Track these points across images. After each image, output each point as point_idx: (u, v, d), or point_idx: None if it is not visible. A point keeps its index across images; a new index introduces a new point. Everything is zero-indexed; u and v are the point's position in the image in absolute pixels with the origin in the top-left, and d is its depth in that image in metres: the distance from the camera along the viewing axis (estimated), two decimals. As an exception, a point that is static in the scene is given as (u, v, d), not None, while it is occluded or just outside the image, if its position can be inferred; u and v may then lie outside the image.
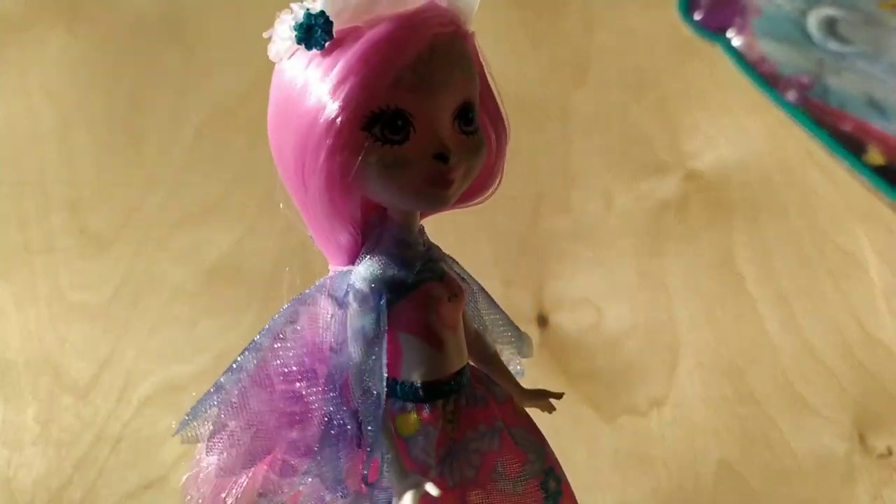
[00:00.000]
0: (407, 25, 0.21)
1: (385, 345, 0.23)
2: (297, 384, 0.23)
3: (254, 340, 0.24)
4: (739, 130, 0.63)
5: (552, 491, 0.25)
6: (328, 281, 0.24)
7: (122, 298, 0.53)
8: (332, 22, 0.21)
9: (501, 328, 0.28)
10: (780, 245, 0.55)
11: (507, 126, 0.25)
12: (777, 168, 0.61)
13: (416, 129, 0.22)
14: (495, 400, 0.25)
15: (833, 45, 0.68)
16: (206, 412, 0.25)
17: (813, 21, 0.70)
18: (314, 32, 0.21)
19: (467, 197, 0.25)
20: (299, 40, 0.22)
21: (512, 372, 0.28)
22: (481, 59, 0.24)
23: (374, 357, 0.23)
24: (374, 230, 0.24)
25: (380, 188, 0.23)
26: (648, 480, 0.42)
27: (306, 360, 0.24)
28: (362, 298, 0.23)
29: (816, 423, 0.46)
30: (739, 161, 0.61)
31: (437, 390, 0.24)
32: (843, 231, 0.56)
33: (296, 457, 0.23)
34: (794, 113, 0.64)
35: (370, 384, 0.23)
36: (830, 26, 0.69)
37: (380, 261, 0.23)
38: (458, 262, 0.27)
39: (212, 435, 0.24)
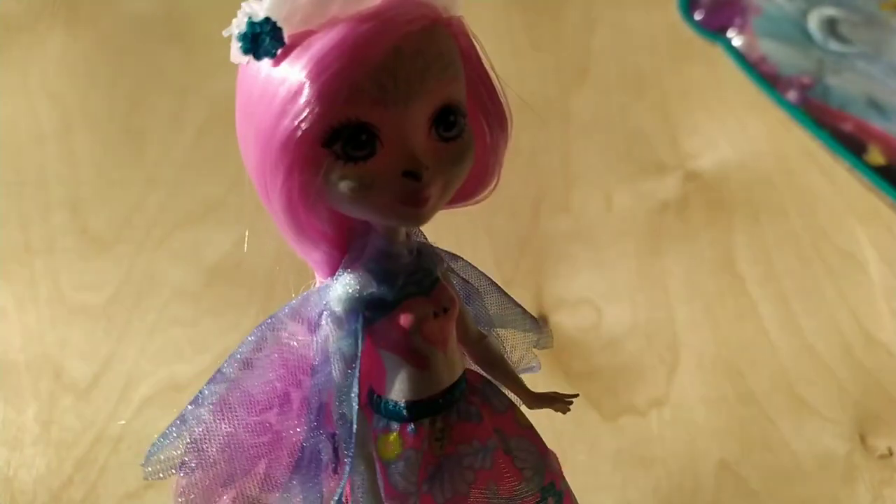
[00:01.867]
0: (365, 28, 0.18)
1: (358, 369, 0.21)
2: (266, 413, 0.22)
3: (219, 370, 0.22)
4: (739, 130, 0.63)
5: None
6: (301, 301, 0.22)
7: (122, 299, 0.53)
8: (280, 28, 0.19)
9: (517, 321, 0.27)
10: (780, 245, 0.55)
11: (506, 117, 0.22)
12: (777, 168, 0.61)
13: (384, 144, 0.20)
14: (493, 411, 0.24)
15: (834, 46, 0.68)
16: (170, 446, 0.23)
17: (814, 21, 0.70)
18: (261, 42, 0.19)
19: (462, 197, 0.23)
20: (246, 51, 0.20)
21: (528, 366, 0.28)
22: (474, 44, 0.21)
23: (347, 380, 0.21)
24: (357, 240, 0.22)
25: (347, 207, 0.21)
26: (648, 480, 0.42)
27: (278, 385, 0.22)
28: (337, 322, 0.22)
29: (816, 423, 0.46)
30: (739, 161, 0.61)
31: (423, 409, 0.23)
32: (843, 231, 0.56)
33: (264, 491, 0.22)
34: (794, 113, 0.64)
35: (343, 408, 0.21)
36: (831, 26, 0.69)
37: (358, 278, 0.22)
38: (461, 259, 0.25)
39: (177, 470, 0.23)
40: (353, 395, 0.21)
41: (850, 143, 0.61)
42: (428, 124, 0.20)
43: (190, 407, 0.22)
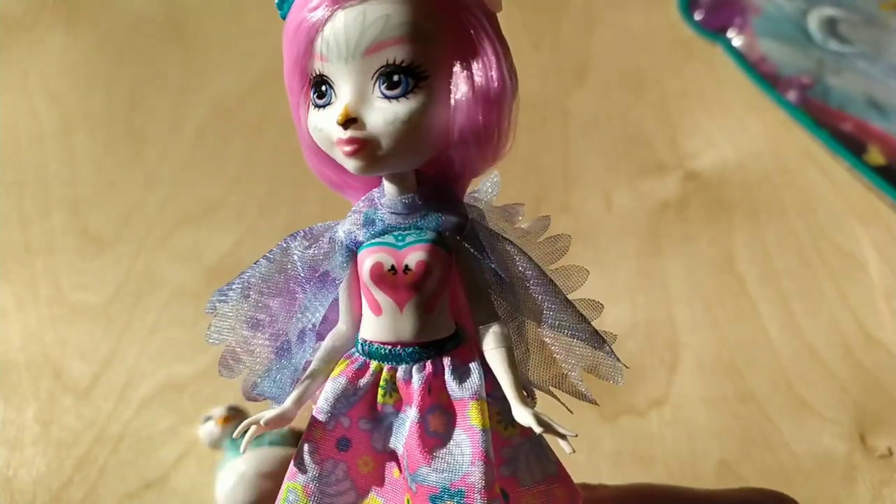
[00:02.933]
0: None
1: (343, 293, 0.25)
2: (270, 300, 0.25)
3: (259, 259, 0.26)
4: (739, 130, 0.63)
5: None
6: (319, 226, 0.26)
7: (122, 299, 0.53)
8: None
9: (568, 326, 0.25)
10: (780, 245, 0.55)
11: (500, 81, 0.23)
12: (777, 168, 0.61)
13: (337, 95, 0.23)
14: (448, 394, 0.24)
15: (833, 45, 0.68)
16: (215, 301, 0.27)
17: (813, 21, 0.70)
18: (285, 8, 0.24)
19: (450, 170, 0.24)
20: (282, 17, 0.24)
21: (575, 390, 0.25)
22: (478, 17, 0.22)
23: (322, 294, 0.24)
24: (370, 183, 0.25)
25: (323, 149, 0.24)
26: (648, 480, 0.42)
27: (291, 284, 0.25)
28: (336, 244, 0.25)
29: (816, 423, 0.46)
30: (739, 161, 0.61)
31: (371, 351, 0.24)
32: (843, 231, 0.56)
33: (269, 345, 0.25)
34: (794, 113, 0.64)
35: (305, 318, 0.24)
36: (831, 26, 0.69)
37: (354, 216, 0.25)
38: (512, 245, 0.24)
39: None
40: (320, 306, 0.24)
41: (850, 143, 0.61)
42: (373, 81, 0.22)
43: (235, 278, 0.27)
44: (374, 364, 0.24)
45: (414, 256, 0.23)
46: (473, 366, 0.24)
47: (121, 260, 0.56)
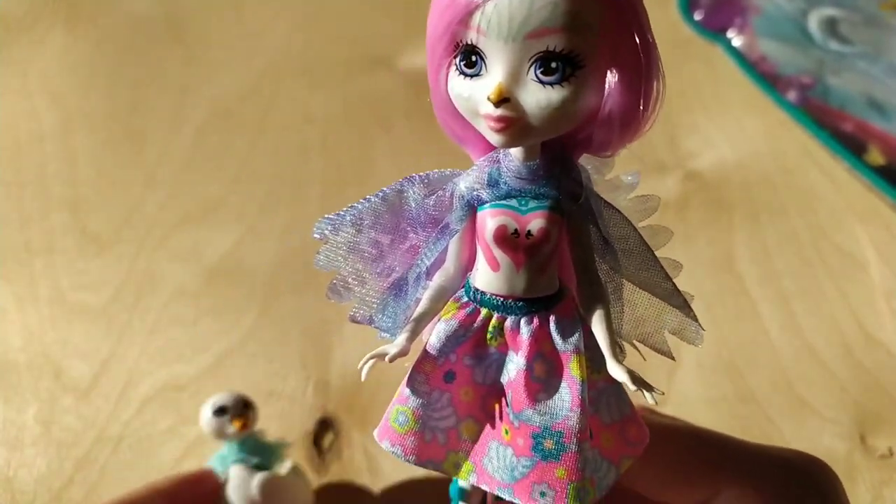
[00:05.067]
0: None
1: (454, 240, 0.26)
2: (382, 236, 0.27)
3: (369, 196, 0.27)
4: (739, 130, 0.63)
5: (546, 449, 0.25)
6: (438, 175, 0.26)
7: (122, 299, 0.53)
8: None
9: (659, 291, 0.28)
10: (780, 245, 0.55)
11: (650, 78, 0.24)
12: (777, 168, 0.61)
13: (489, 69, 0.23)
14: (552, 345, 0.26)
15: (834, 45, 0.68)
16: (323, 227, 0.28)
17: (814, 21, 0.70)
18: None
19: (589, 147, 0.25)
20: None
21: (659, 347, 0.29)
22: (635, 8, 0.23)
23: (440, 242, 0.26)
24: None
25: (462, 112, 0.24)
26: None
27: (402, 224, 0.27)
28: (457, 197, 0.26)
29: (816, 423, 0.46)
30: (738, 161, 0.61)
31: (482, 299, 0.26)
32: (843, 231, 0.56)
33: (378, 277, 0.27)
34: (794, 113, 0.64)
35: (420, 262, 0.26)
36: (831, 26, 0.69)
37: (477, 174, 0.25)
38: (616, 212, 0.26)
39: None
40: (435, 251, 0.26)
41: (850, 143, 0.61)
42: (528, 64, 0.23)
43: (345, 208, 0.27)
44: (484, 311, 0.26)
45: (536, 223, 0.25)
46: (574, 321, 0.26)
47: (121, 260, 0.56)
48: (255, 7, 0.74)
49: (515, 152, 0.25)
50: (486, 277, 0.26)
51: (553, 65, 0.22)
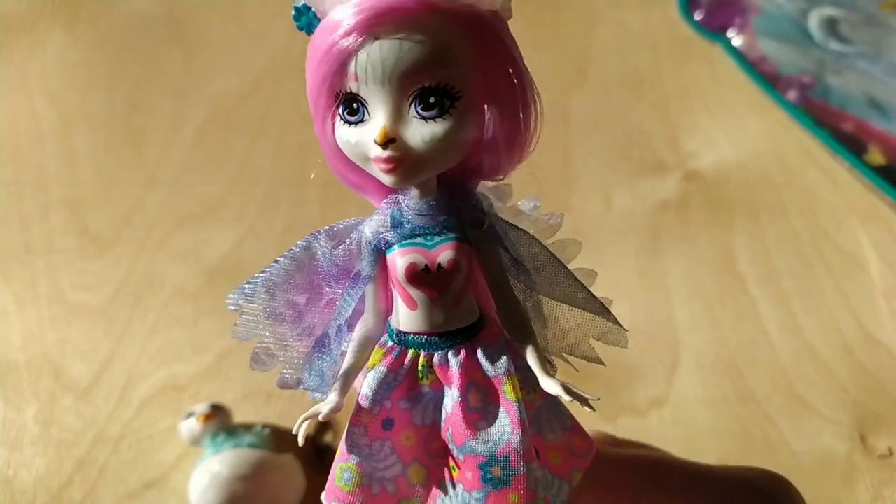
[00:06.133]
0: (352, 12, 0.23)
1: (363, 286, 0.26)
2: (298, 296, 0.27)
3: (279, 257, 0.27)
4: (739, 130, 0.63)
5: (495, 478, 0.25)
6: (342, 226, 0.26)
7: (122, 299, 0.53)
8: (310, 10, 0.24)
9: (577, 300, 0.28)
10: (780, 245, 0.55)
11: (519, 112, 0.25)
12: (777, 168, 0.61)
13: (371, 114, 0.24)
14: (482, 372, 0.26)
15: (834, 45, 0.68)
16: (236, 296, 0.28)
17: (814, 21, 0.70)
18: (302, 21, 0.24)
19: (479, 173, 0.26)
20: (298, 28, 0.24)
21: (586, 355, 0.29)
22: (502, 39, 0.24)
23: (355, 292, 0.26)
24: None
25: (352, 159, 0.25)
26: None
27: (314, 279, 0.27)
28: (364, 244, 0.26)
29: (816, 423, 0.46)
30: (739, 161, 0.61)
31: (408, 340, 0.26)
32: (843, 231, 0.56)
33: (300, 339, 0.27)
34: (794, 113, 0.64)
35: (341, 314, 0.26)
36: (831, 26, 0.69)
37: (380, 217, 0.26)
38: (523, 233, 0.27)
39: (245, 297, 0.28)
40: (352, 301, 0.26)
41: (850, 143, 0.61)
42: (408, 102, 0.23)
43: (253, 276, 0.27)
44: (411, 352, 0.26)
45: (445, 255, 0.25)
46: (500, 345, 0.27)
47: (121, 260, 0.56)
48: (255, 7, 0.74)
49: (414, 192, 0.25)
50: (406, 318, 0.26)
51: (431, 99, 0.23)
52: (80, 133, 0.65)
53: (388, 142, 0.23)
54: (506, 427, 0.26)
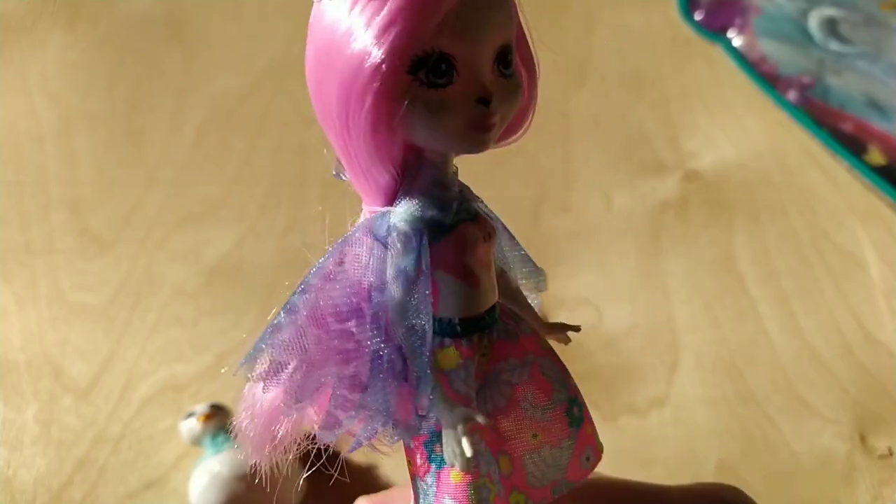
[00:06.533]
0: None
1: (428, 283, 0.23)
2: (348, 322, 0.24)
3: (305, 281, 0.24)
4: (739, 130, 0.63)
5: (576, 417, 0.26)
6: (368, 221, 0.24)
7: (122, 299, 0.53)
8: None
9: (520, 264, 0.29)
10: (780, 245, 0.55)
11: (537, 66, 0.25)
12: (777, 168, 0.61)
13: (459, 73, 0.22)
14: (522, 333, 0.26)
15: (834, 45, 0.68)
16: (262, 351, 0.25)
17: (814, 21, 0.70)
18: None
19: (500, 137, 0.25)
20: None
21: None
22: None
23: (416, 295, 0.23)
24: (411, 171, 0.24)
25: (424, 131, 0.23)
26: (648, 480, 0.42)
27: (353, 299, 0.24)
28: (404, 239, 0.23)
29: (816, 423, 0.46)
30: (739, 161, 0.61)
31: (474, 325, 0.25)
32: (843, 231, 0.56)
33: (351, 391, 0.24)
34: (794, 113, 0.64)
35: (415, 321, 0.23)
36: (831, 26, 0.69)
37: (419, 202, 0.24)
38: (482, 201, 0.26)
39: (267, 372, 0.25)
40: (424, 308, 0.23)
41: (850, 143, 0.61)
42: (492, 62, 0.23)
43: (283, 314, 0.24)
44: (475, 337, 0.25)
45: (488, 224, 0.25)
46: (509, 309, 0.27)
47: (121, 260, 0.56)
48: (255, 7, 0.74)
49: (439, 170, 0.24)
50: (469, 300, 0.24)
51: (508, 58, 0.23)
52: (80, 133, 0.65)
53: (489, 98, 0.22)
54: (560, 372, 0.26)
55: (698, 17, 0.71)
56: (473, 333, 0.25)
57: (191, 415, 0.44)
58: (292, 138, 0.63)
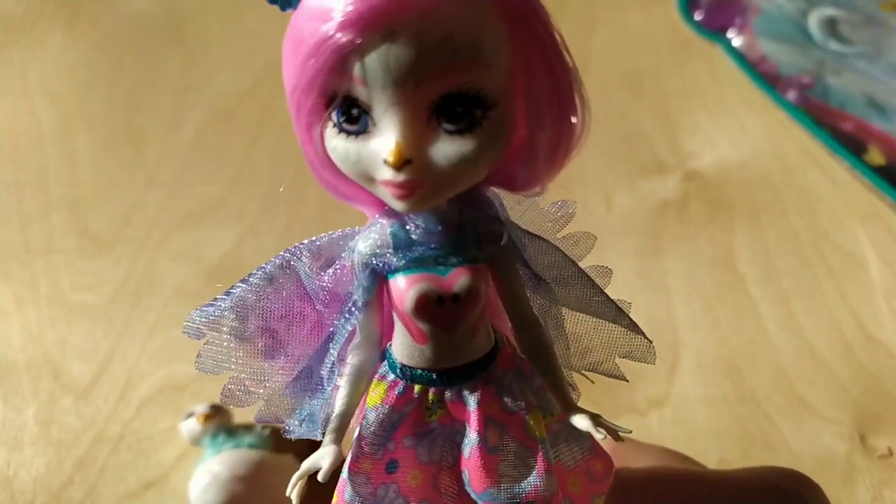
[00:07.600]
0: (362, 3, 0.17)
1: (358, 317, 0.22)
2: (277, 323, 0.23)
3: (248, 276, 0.23)
4: (739, 130, 0.63)
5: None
6: (326, 241, 0.23)
7: (122, 299, 0.53)
8: None
9: (605, 313, 0.25)
10: (780, 245, 0.55)
11: (569, 116, 0.20)
12: (777, 168, 0.61)
13: (376, 123, 0.18)
14: (502, 409, 0.23)
15: (834, 45, 0.68)
16: (201, 315, 0.25)
17: (813, 21, 0.70)
18: None
19: (507, 185, 0.21)
20: (270, 1, 0.20)
21: (611, 373, 0.26)
22: (545, 25, 0.19)
23: (349, 323, 0.22)
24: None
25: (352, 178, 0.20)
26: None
27: (296, 302, 0.23)
28: (358, 267, 0.22)
29: (816, 423, 0.46)
30: (739, 161, 0.61)
31: (416, 376, 0.22)
32: (843, 231, 0.56)
33: (270, 376, 0.23)
34: (794, 113, 0.64)
35: (333, 352, 0.22)
36: (831, 26, 0.69)
37: (376, 235, 0.21)
38: (542, 240, 0.23)
39: (210, 322, 0.25)
40: (344, 334, 0.22)
41: (850, 143, 0.61)
42: (427, 112, 0.18)
43: (220, 296, 0.23)
44: (417, 387, 0.22)
45: (462, 282, 0.21)
46: (517, 370, 0.23)
47: (121, 260, 0.56)
48: (255, 7, 0.74)
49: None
50: (413, 352, 0.22)
51: (459, 109, 0.18)
52: (80, 133, 0.65)
53: (403, 164, 0.18)
54: (532, 470, 0.22)
55: (698, 17, 0.71)
56: (415, 383, 0.22)
57: (190, 415, 0.44)
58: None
